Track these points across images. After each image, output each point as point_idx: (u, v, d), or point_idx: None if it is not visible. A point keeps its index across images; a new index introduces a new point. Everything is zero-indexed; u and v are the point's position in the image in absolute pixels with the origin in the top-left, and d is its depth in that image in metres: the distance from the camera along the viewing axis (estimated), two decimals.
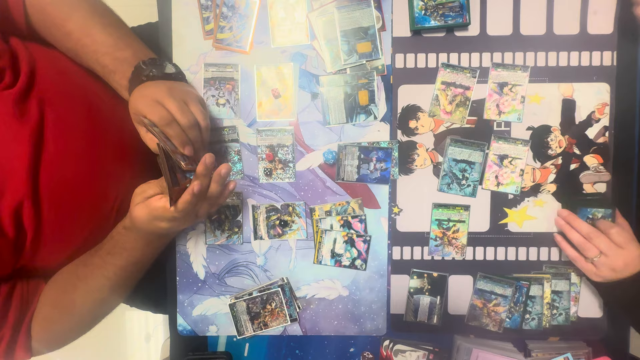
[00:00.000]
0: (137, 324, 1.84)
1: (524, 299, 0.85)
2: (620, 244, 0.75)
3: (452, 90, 0.84)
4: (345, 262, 0.87)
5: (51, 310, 0.73)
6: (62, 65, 0.75)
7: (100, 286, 0.74)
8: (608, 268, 0.76)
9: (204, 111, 0.72)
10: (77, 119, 0.72)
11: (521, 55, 0.84)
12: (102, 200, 0.76)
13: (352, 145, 0.85)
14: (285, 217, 0.87)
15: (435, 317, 0.87)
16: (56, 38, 0.74)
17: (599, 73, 0.83)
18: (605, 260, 0.76)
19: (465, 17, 0.81)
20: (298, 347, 0.89)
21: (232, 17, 0.85)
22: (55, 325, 0.74)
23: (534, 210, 0.85)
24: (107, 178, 0.76)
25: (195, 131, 0.70)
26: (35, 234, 0.67)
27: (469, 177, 0.85)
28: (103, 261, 0.73)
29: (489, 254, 0.86)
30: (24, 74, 0.67)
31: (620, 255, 0.75)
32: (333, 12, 0.84)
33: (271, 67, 0.85)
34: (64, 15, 0.72)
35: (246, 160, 0.87)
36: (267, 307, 0.84)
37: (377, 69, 0.85)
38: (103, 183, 0.75)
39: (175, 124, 0.68)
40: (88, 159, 0.73)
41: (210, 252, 0.88)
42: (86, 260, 0.75)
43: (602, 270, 0.77)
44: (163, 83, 0.71)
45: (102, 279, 0.73)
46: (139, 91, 0.70)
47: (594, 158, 0.84)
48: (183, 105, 0.69)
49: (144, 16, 1.00)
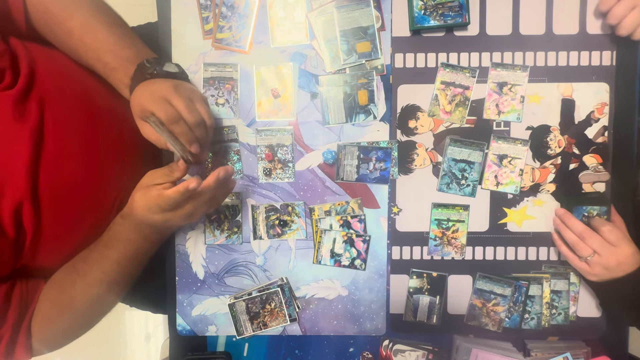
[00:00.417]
0: (137, 324, 1.84)
1: (523, 298, 0.85)
2: (613, 242, 0.75)
3: (451, 90, 0.84)
4: (344, 262, 0.87)
5: (51, 308, 0.73)
6: (62, 65, 0.75)
7: (97, 281, 0.73)
8: (601, 267, 0.76)
9: (209, 110, 0.73)
10: (76, 119, 0.72)
11: (520, 55, 0.84)
12: (102, 200, 0.76)
13: (352, 145, 0.85)
14: (285, 217, 0.87)
15: (434, 317, 0.87)
16: (57, 36, 0.74)
17: (598, 73, 0.83)
18: (599, 259, 0.76)
19: (464, 17, 0.81)
20: (297, 347, 0.89)
21: (232, 16, 0.85)
22: (54, 324, 0.73)
23: (533, 210, 0.85)
24: (107, 177, 0.76)
25: (201, 129, 0.71)
26: (35, 233, 0.67)
27: (468, 177, 0.85)
28: (100, 255, 0.74)
29: (488, 254, 0.86)
30: (23, 74, 0.67)
31: (613, 253, 0.75)
32: (332, 11, 0.84)
33: (270, 67, 0.85)
34: (65, 14, 0.72)
35: (245, 160, 0.87)
36: (266, 307, 0.84)
37: (376, 69, 0.85)
38: (103, 182, 0.75)
39: (182, 121, 0.68)
40: (88, 158, 0.73)
41: (210, 252, 0.88)
42: (85, 255, 0.75)
43: (595, 269, 0.77)
44: (169, 81, 0.72)
45: (99, 274, 0.73)
46: (143, 87, 0.70)
47: (593, 158, 0.84)
48: (190, 103, 0.69)
49: (144, 16, 1.00)
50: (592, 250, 0.76)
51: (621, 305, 0.80)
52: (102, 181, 0.75)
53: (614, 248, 0.75)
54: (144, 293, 0.95)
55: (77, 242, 0.75)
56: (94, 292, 0.75)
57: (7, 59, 0.67)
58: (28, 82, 0.67)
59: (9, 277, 0.71)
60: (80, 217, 0.73)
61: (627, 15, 0.74)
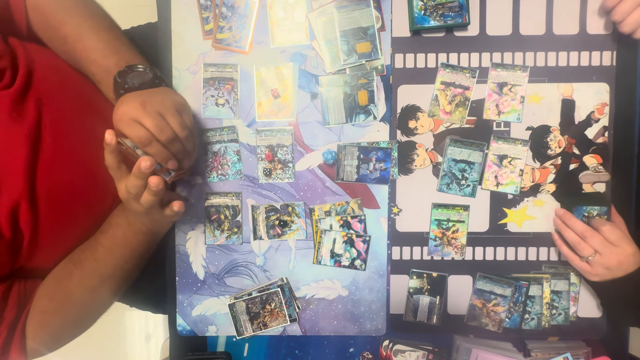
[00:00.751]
0: (137, 324, 1.84)
1: (523, 298, 0.85)
2: (614, 241, 0.75)
3: (451, 90, 0.84)
4: (344, 262, 0.87)
5: (47, 302, 0.72)
6: (60, 65, 0.75)
7: (91, 270, 0.73)
8: (602, 267, 0.76)
9: (181, 120, 0.69)
10: (74, 119, 0.72)
11: (521, 55, 0.84)
12: (100, 201, 0.76)
13: (352, 146, 0.85)
14: (285, 217, 0.87)
15: (434, 317, 0.87)
16: (54, 42, 0.74)
17: (599, 73, 0.83)
18: (600, 259, 0.76)
19: (464, 17, 0.81)
20: (298, 347, 0.89)
21: (232, 17, 0.85)
22: (51, 319, 0.73)
23: (533, 210, 0.85)
24: (105, 178, 0.76)
25: (176, 144, 0.68)
26: (33, 235, 0.67)
27: (468, 177, 0.85)
28: (95, 241, 0.74)
29: (488, 254, 0.86)
30: (21, 73, 0.67)
31: (614, 253, 0.75)
32: (332, 12, 0.84)
33: (270, 67, 0.85)
34: (60, 18, 0.72)
35: (245, 160, 0.87)
36: (266, 307, 0.84)
37: (376, 69, 0.85)
38: (101, 183, 0.75)
39: (155, 142, 0.65)
40: (85, 159, 0.73)
41: (210, 252, 0.88)
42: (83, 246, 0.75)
43: (596, 269, 0.77)
44: (138, 96, 0.68)
45: (92, 262, 0.73)
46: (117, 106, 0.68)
47: (593, 158, 0.84)
48: (160, 121, 0.66)
49: (144, 16, 1.00)
50: (593, 250, 0.76)
51: (622, 305, 0.80)
52: (100, 181, 0.74)
53: (615, 248, 0.75)
54: (144, 293, 0.95)
55: (75, 243, 0.75)
56: (89, 284, 0.74)
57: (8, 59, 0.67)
58: (26, 81, 0.67)
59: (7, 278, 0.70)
60: (78, 218, 0.73)
61: (632, 12, 0.74)
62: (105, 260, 0.73)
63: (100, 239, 0.74)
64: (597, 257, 0.76)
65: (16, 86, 0.65)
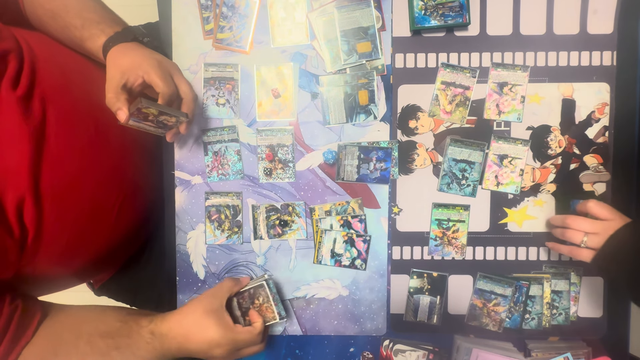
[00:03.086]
0: None
1: (523, 298, 0.85)
2: (606, 216, 0.74)
3: (452, 90, 0.84)
4: (345, 262, 0.87)
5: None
6: (63, 62, 0.76)
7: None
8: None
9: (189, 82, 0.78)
10: (79, 117, 0.72)
11: (521, 55, 0.84)
12: (104, 198, 0.76)
13: (352, 145, 0.85)
14: (285, 217, 0.87)
15: (435, 317, 0.87)
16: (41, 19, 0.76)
17: (599, 73, 0.83)
18: (597, 238, 0.73)
19: (465, 17, 0.81)
20: (298, 347, 0.89)
21: (232, 17, 0.85)
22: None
23: (533, 210, 0.85)
24: (109, 175, 0.76)
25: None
26: (37, 232, 0.66)
27: (468, 177, 0.85)
28: (109, 356, 0.69)
29: (488, 254, 0.86)
30: (25, 73, 0.67)
31: (610, 227, 0.73)
32: (333, 12, 0.84)
33: (271, 67, 0.85)
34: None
35: (246, 160, 0.87)
36: (255, 302, 0.82)
37: (377, 69, 0.85)
38: (105, 180, 0.75)
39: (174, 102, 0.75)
40: (90, 156, 0.73)
41: (210, 252, 0.88)
42: (92, 339, 0.70)
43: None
44: (158, 55, 0.76)
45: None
46: (136, 51, 0.73)
47: (593, 158, 0.84)
48: (188, 83, 0.77)
49: (144, 16, 1.00)
50: (583, 232, 0.75)
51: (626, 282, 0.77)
52: (104, 178, 0.74)
53: (607, 222, 0.73)
54: (145, 293, 0.96)
55: (76, 243, 0.75)
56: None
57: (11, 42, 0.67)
58: (30, 80, 0.67)
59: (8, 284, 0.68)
60: (82, 215, 0.73)
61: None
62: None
63: (115, 356, 0.69)
64: (592, 237, 0.74)
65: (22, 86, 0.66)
